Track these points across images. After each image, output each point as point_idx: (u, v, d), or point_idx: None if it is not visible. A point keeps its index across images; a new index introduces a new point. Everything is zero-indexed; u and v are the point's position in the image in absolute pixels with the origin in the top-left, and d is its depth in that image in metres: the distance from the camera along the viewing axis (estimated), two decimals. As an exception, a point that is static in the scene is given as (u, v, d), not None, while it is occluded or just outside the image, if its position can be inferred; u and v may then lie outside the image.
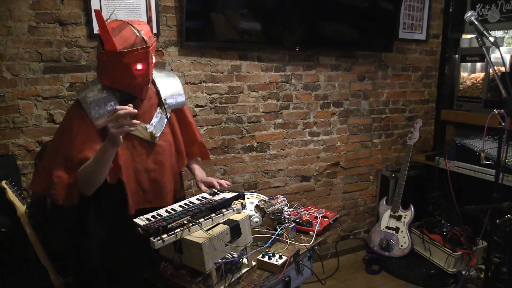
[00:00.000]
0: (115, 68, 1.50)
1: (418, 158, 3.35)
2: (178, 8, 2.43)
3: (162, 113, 1.72)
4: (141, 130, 1.65)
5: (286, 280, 1.67)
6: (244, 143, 2.84)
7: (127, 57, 1.46)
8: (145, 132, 1.66)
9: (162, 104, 1.72)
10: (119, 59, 1.46)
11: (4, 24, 2.10)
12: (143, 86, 1.58)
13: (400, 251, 3.04)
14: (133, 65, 1.48)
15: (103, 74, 1.57)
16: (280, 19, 2.69)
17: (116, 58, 1.46)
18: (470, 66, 3.39)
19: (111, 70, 1.53)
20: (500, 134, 1.88)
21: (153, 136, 1.67)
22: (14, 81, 2.17)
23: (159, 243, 1.34)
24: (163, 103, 1.72)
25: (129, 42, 1.46)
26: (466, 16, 1.85)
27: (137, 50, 1.46)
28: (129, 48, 1.46)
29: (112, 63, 1.49)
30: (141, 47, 1.47)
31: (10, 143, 2.22)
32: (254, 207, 1.90)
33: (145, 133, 1.66)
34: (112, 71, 1.53)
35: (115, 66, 1.49)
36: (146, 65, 1.51)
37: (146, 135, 1.66)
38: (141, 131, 1.65)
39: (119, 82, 1.56)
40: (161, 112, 1.72)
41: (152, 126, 1.68)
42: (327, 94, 3.08)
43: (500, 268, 2.53)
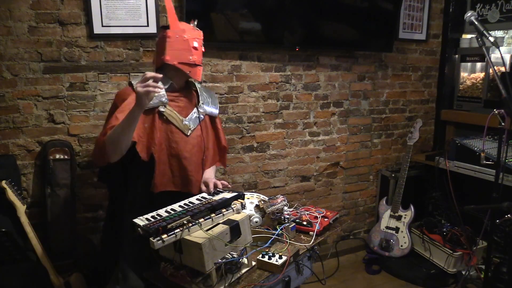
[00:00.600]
0: (178, 43, 1.77)
1: (418, 158, 3.35)
2: (178, 8, 2.43)
3: (197, 114, 1.92)
4: (178, 121, 1.84)
5: (286, 280, 1.67)
6: (244, 143, 2.84)
7: (187, 33, 1.78)
8: (181, 124, 1.84)
9: (198, 106, 1.93)
10: (181, 35, 1.77)
11: (4, 24, 2.10)
12: (197, 66, 1.82)
13: (400, 251, 3.04)
14: (191, 41, 1.78)
15: (165, 51, 1.77)
16: (280, 19, 2.69)
17: (179, 34, 1.77)
18: (470, 66, 3.39)
19: (174, 45, 1.77)
20: (500, 134, 1.88)
21: (187, 128, 1.86)
22: (14, 81, 2.17)
23: (159, 243, 1.34)
24: (199, 106, 1.94)
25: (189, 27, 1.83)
26: (466, 16, 1.85)
27: (194, 28, 1.82)
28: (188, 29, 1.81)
29: (175, 39, 1.77)
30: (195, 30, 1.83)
31: (10, 143, 2.22)
32: (254, 207, 1.90)
33: (181, 124, 1.84)
34: (174, 47, 1.77)
35: (177, 42, 1.77)
36: (200, 46, 1.82)
37: (181, 126, 1.84)
38: (178, 121, 1.84)
39: (178, 57, 1.77)
40: (197, 113, 1.92)
41: (187, 120, 1.87)
42: (327, 94, 3.08)
43: (500, 268, 2.52)
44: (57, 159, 2.27)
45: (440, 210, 3.24)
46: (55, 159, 2.26)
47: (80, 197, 2.39)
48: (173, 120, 1.82)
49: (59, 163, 2.27)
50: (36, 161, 2.28)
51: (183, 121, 1.85)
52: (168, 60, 1.78)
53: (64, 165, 2.28)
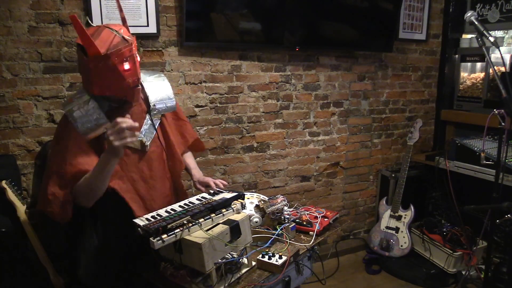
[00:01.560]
0: (103, 73, 1.46)
1: (418, 158, 3.35)
2: (178, 8, 2.43)
3: (151, 120, 1.68)
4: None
5: (286, 280, 1.67)
6: (244, 143, 2.84)
7: (113, 58, 1.42)
8: (136, 142, 1.61)
9: (151, 110, 1.69)
10: (105, 62, 1.42)
11: (4, 24, 2.10)
12: (134, 87, 1.53)
13: (400, 251, 3.04)
14: (120, 66, 1.44)
15: (91, 83, 1.50)
16: (280, 19, 2.69)
17: (102, 63, 1.42)
18: (470, 66, 3.39)
19: (99, 77, 1.47)
20: (500, 134, 1.88)
21: (143, 144, 1.64)
22: (14, 81, 2.17)
23: (159, 244, 1.34)
24: (152, 110, 1.69)
25: (112, 43, 1.43)
26: (466, 16, 1.85)
27: (120, 49, 1.43)
28: (112, 49, 1.42)
29: (99, 69, 1.44)
30: (123, 45, 1.44)
31: (10, 143, 2.22)
32: (254, 207, 1.90)
33: (136, 142, 1.61)
34: (100, 78, 1.48)
35: (103, 71, 1.45)
36: (132, 63, 1.47)
37: (136, 144, 1.61)
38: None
39: (110, 88, 1.51)
40: (150, 119, 1.68)
41: (142, 134, 1.65)
42: (327, 94, 3.08)
43: (500, 268, 2.53)
44: (57, 159, 2.26)
45: (440, 210, 3.24)
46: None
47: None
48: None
49: (59, 163, 2.27)
50: (36, 161, 2.28)
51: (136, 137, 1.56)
52: (98, 93, 1.53)
53: (64, 165, 2.28)
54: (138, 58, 1.54)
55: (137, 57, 1.52)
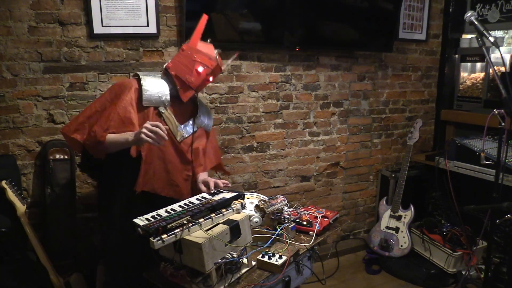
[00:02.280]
0: (185, 59, 1.80)
1: (418, 158, 3.35)
2: (178, 8, 2.43)
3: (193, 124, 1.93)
4: (173, 126, 1.84)
5: (286, 280, 1.67)
6: (244, 143, 2.84)
7: (198, 56, 1.79)
8: (175, 129, 1.85)
9: (195, 117, 1.94)
10: (192, 54, 1.79)
11: (4, 24, 2.10)
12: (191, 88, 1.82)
13: (400, 251, 3.04)
14: (196, 64, 1.78)
15: (174, 59, 1.83)
16: (280, 19, 2.69)
17: (190, 52, 1.79)
18: (470, 66, 3.39)
19: (181, 58, 1.81)
20: (500, 134, 1.88)
21: (180, 135, 1.86)
22: (14, 81, 2.17)
23: (159, 243, 1.34)
24: (197, 117, 1.95)
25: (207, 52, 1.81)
26: (466, 16, 1.85)
27: (208, 56, 1.80)
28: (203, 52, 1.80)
29: (185, 54, 1.80)
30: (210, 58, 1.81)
31: (10, 143, 2.22)
32: (254, 207, 1.90)
33: (175, 129, 1.85)
34: (181, 60, 1.81)
35: (186, 58, 1.80)
36: (205, 74, 1.80)
37: (175, 132, 1.85)
38: (173, 126, 1.84)
39: (179, 69, 1.80)
40: (192, 123, 1.93)
41: (181, 127, 1.87)
42: (327, 94, 3.08)
43: (500, 268, 2.53)
44: (57, 159, 2.27)
45: (440, 210, 3.24)
46: (55, 159, 2.26)
47: (80, 197, 2.39)
48: (169, 123, 1.83)
49: (59, 163, 2.27)
50: (36, 161, 2.28)
51: (177, 126, 1.86)
52: (169, 68, 1.83)
53: (64, 165, 2.28)
54: (211, 79, 1.87)
55: (210, 78, 1.85)
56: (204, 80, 1.82)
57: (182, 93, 1.83)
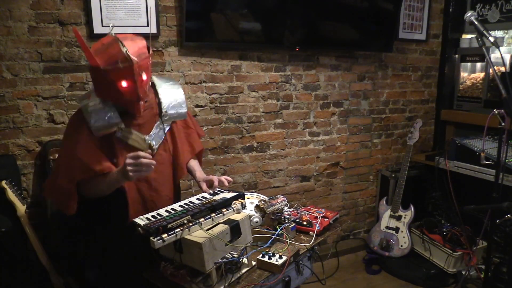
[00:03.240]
0: (102, 83, 1.52)
1: (418, 158, 3.35)
2: (178, 8, 2.43)
3: (162, 124, 1.73)
4: (140, 141, 1.66)
5: (286, 280, 1.67)
6: (244, 143, 2.84)
7: (110, 74, 1.46)
8: (144, 144, 1.66)
9: (162, 115, 1.73)
10: (103, 75, 1.47)
11: (4, 24, 2.10)
12: (134, 102, 1.55)
13: (400, 251, 3.04)
14: (117, 82, 1.47)
15: (96, 88, 1.60)
16: (280, 19, 2.69)
17: (100, 74, 1.48)
18: (470, 66, 3.39)
19: (99, 84, 1.56)
20: (500, 134, 1.88)
21: (151, 147, 1.66)
22: (14, 81, 2.17)
23: (159, 243, 1.34)
24: (164, 115, 1.73)
25: (114, 59, 1.44)
26: (466, 16, 1.85)
27: (118, 67, 1.44)
28: (112, 65, 1.44)
29: (98, 78, 1.52)
30: (123, 64, 1.44)
31: (10, 143, 2.22)
32: (254, 207, 1.90)
33: (143, 144, 1.65)
34: (101, 86, 1.56)
35: (102, 82, 1.52)
36: (132, 82, 1.48)
37: (144, 146, 1.65)
38: (140, 142, 1.66)
39: (109, 97, 1.57)
40: (161, 124, 1.72)
41: (151, 137, 1.69)
42: (327, 94, 3.08)
43: (500, 268, 2.53)
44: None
45: (440, 210, 3.24)
46: (55, 159, 2.26)
47: (80, 197, 2.39)
48: (134, 142, 1.64)
49: (59, 163, 2.27)
50: (36, 161, 2.28)
51: (145, 140, 1.67)
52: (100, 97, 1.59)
53: (64, 165, 2.28)
54: (145, 77, 1.53)
55: (143, 76, 1.52)
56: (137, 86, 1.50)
57: (132, 110, 1.59)
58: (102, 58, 1.45)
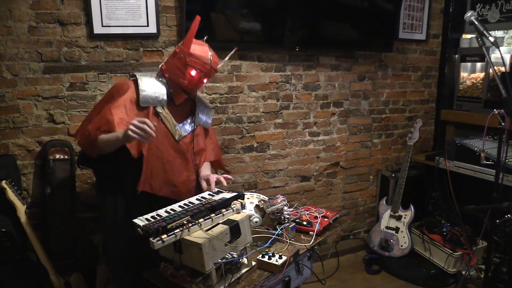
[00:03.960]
0: (178, 62, 1.78)
1: (418, 158, 3.35)
2: (178, 8, 2.43)
3: (191, 123, 1.93)
4: (171, 124, 1.85)
5: (286, 280, 1.67)
6: (244, 143, 2.84)
7: (191, 59, 1.76)
8: (173, 128, 1.86)
9: (194, 115, 1.95)
10: (185, 57, 1.75)
11: (4, 24, 2.10)
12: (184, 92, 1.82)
13: (400, 251, 3.04)
14: (189, 68, 1.77)
15: (168, 61, 1.83)
16: (280, 19, 2.69)
17: (183, 55, 1.75)
18: (470, 66, 3.39)
19: (174, 61, 1.79)
20: (500, 134, 1.88)
21: (178, 134, 1.87)
22: (14, 81, 2.17)
23: (159, 244, 1.34)
24: (196, 115, 1.95)
25: (201, 55, 1.77)
26: (466, 16, 1.85)
27: (200, 60, 1.77)
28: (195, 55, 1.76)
29: (179, 57, 1.77)
30: (203, 60, 1.77)
31: (10, 143, 2.22)
32: (254, 207, 1.90)
33: (173, 128, 1.86)
34: (175, 62, 1.79)
35: (179, 61, 1.77)
36: (198, 77, 1.79)
37: (173, 131, 1.86)
38: (171, 124, 1.85)
39: (172, 72, 1.80)
40: (190, 121, 1.93)
41: (180, 126, 1.88)
42: (327, 94, 3.08)
43: (500, 268, 2.53)
44: (57, 159, 2.27)
45: (440, 210, 3.24)
46: (55, 159, 2.26)
47: (80, 197, 2.39)
48: (167, 122, 1.84)
49: (59, 163, 2.27)
50: (36, 161, 2.28)
51: (175, 126, 1.87)
52: (163, 69, 1.85)
53: (64, 165, 2.28)
54: (205, 81, 1.84)
55: (204, 80, 1.84)
56: (198, 82, 1.82)
57: (175, 95, 1.83)
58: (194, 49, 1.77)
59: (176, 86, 1.82)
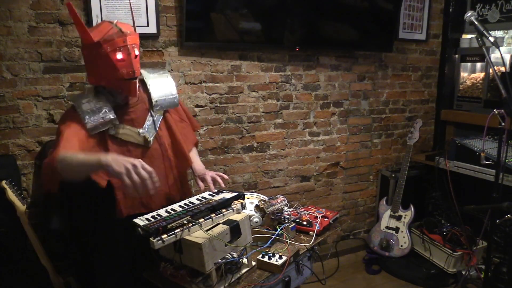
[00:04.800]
0: (97, 62, 1.51)
1: (418, 158, 3.35)
2: (178, 8, 2.43)
3: (154, 116, 1.72)
4: (134, 135, 1.66)
5: (286, 280, 1.67)
6: (244, 143, 2.84)
7: (105, 46, 1.47)
8: (138, 137, 1.67)
9: (152, 108, 1.72)
10: (98, 50, 1.47)
11: (4, 24, 2.10)
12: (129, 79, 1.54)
13: (400, 251, 3.04)
14: (112, 55, 1.48)
15: (89, 72, 1.59)
16: (280, 19, 2.69)
17: (95, 50, 1.48)
18: (470, 66, 3.39)
19: (94, 65, 1.54)
20: (500, 134, 1.88)
21: (146, 140, 1.68)
22: (14, 81, 2.17)
23: (159, 243, 1.34)
24: (154, 105, 1.72)
25: (106, 34, 1.48)
26: (466, 16, 1.85)
27: (113, 38, 1.47)
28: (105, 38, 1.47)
29: (93, 57, 1.51)
30: (117, 36, 1.48)
31: (10, 143, 2.22)
32: (254, 207, 1.90)
33: (138, 137, 1.67)
34: (96, 66, 1.54)
35: (97, 59, 1.51)
36: (126, 54, 1.50)
37: (139, 140, 1.67)
38: (134, 136, 1.66)
39: (104, 77, 1.55)
40: (153, 115, 1.71)
41: (145, 130, 1.69)
42: (327, 94, 3.08)
43: (500, 268, 2.53)
44: (57, 159, 2.26)
45: (440, 210, 3.24)
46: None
47: (80, 197, 2.39)
48: (129, 137, 1.64)
49: (59, 163, 2.27)
50: (36, 161, 2.28)
51: (139, 133, 1.66)
52: (93, 82, 1.61)
53: (64, 165, 2.28)
54: (137, 52, 1.55)
55: (135, 51, 1.54)
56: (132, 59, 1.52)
57: (128, 90, 1.58)
58: (94, 34, 1.48)
59: (119, 84, 1.55)
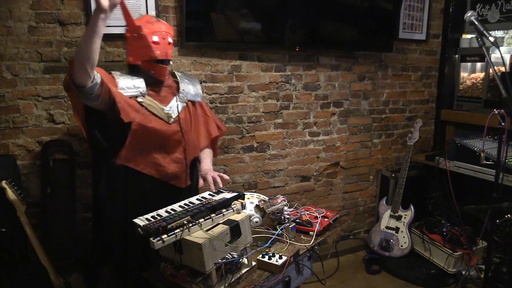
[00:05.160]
0: (136, 42, 1.75)
1: (418, 158, 3.35)
2: (178, 8, 2.43)
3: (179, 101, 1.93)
4: (159, 110, 1.84)
5: (286, 280, 1.67)
6: (244, 143, 2.84)
7: (144, 30, 1.73)
8: (162, 112, 1.85)
9: (179, 93, 1.94)
10: (138, 32, 1.73)
11: (4, 24, 2.10)
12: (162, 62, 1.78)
13: (400, 251, 3.04)
14: (149, 37, 1.73)
15: (129, 52, 1.82)
16: (280, 19, 2.69)
17: (136, 32, 1.74)
18: (470, 66, 3.39)
19: (133, 45, 1.78)
20: (500, 134, 1.88)
21: (169, 116, 1.86)
22: (14, 81, 2.17)
23: (159, 244, 1.34)
24: (181, 92, 1.94)
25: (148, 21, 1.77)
26: (466, 16, 1.85)
27: (149, 24, 1.75)
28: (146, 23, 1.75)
29: (133, 38, 1.76)
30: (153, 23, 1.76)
31: (10, 143, 2.22)
32: (254, 207, 1.90)
33: (161, 112, 1.85)
34: (135, 46, 1.78)
35: (136, 40, 1.75)
36: (161, 38, 1.75)
37: (163, 115, 1.85)
38: (159, 110, 1.84)
39: (141, 57, 1.77)
40: (177, 100, 1.92)
41: (168, 108, 1.87)
42: (327, 94, 3.08)
43: (500, 268, 2.53)
44: (57, 159, 2.27)
45: (440, 210, 3.24)
46: (55, 159, 2.26)
47: (80, 197, 2.39)
48: (153, 109, 1.82)
49: (59, 163, 2.27)
50: (36, 161, 2.28)
51: (164, 109, 1.85)
52: (131, 61, 1.81)
53: (64, 165, 2.28)
54: (170, 40, 1.80)
55: (169, 39, 1.80)
56: (166, 44, 1.78)
57: (158, 73, 1.81)
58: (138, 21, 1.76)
59: (152, 65, 1.78)
